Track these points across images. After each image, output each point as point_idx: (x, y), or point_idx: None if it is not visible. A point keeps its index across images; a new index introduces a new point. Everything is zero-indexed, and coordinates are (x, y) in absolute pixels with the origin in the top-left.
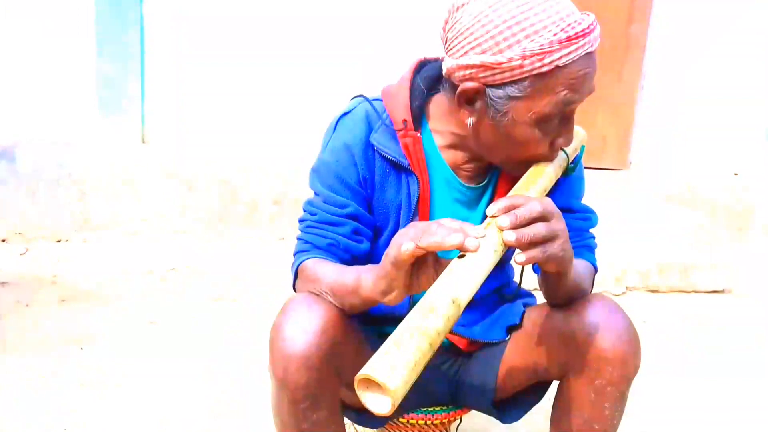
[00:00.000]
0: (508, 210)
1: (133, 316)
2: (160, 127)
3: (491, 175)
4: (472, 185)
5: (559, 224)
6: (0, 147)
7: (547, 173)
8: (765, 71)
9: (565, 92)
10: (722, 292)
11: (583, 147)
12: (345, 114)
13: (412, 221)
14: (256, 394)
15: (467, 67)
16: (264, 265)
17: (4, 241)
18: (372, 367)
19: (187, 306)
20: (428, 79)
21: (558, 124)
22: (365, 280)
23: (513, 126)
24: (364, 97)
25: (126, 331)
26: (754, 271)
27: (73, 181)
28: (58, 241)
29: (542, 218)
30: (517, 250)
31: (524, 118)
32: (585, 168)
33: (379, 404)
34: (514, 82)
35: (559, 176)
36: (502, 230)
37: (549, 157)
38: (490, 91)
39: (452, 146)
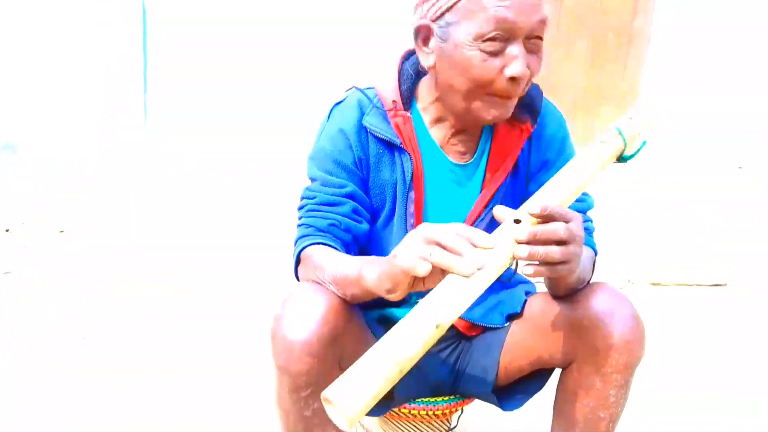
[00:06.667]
0: (542, 215)
1: (136, 310)
2: (163, 121)
3: (479, 151)
4: (462, 162)
5: (576, 249)
6: (5, 139)
7: (591, 162)
8: None
9: (496, 8)
10: (725, 285)
11: (644, 142)
12: (338, 103)
13: (407, 198)
14: (260, 389)
15: (416, 8)
16: (269, 258)
17: (8, 231)
18: (335, 392)
19: (191, 299)
20: (416, 65)
21: (506, 50)
22: (369, 274)
23: (457, 51)
24: (356, 87)
25: (129, 325)
26: (757, 264)
27: (77, 174)
28: (62, 232)
29: (562, 242)
30: (526, 261)
31: (465, 40)
32: None
33: (339, 420)
34: (450, 8)
35: (607, 164)
36: (518, 242)
37: (506, 90)
38: (435, 25)
39: (438, 120)
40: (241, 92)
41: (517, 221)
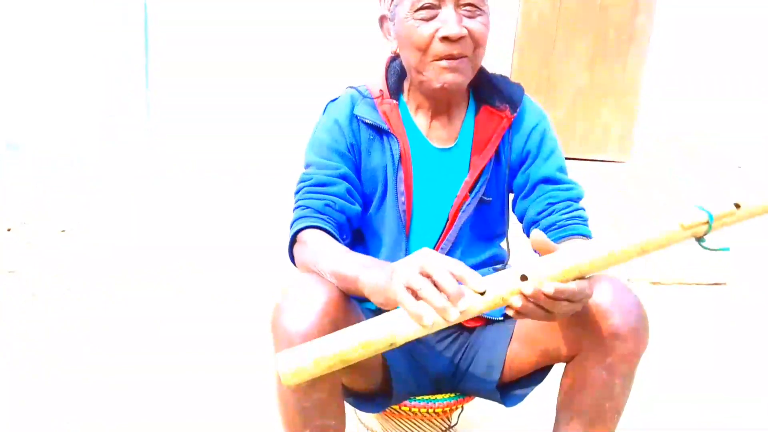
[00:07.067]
0: (556, 297)
1: (136, 310)
2: (164, 121)
3: (462, 138)
4: (445, 147)
5: (560, 318)
6: (7, 138)
7: (652, 238)
8: None
9: None
10: (724, 284)
11: (727, 249)
12: (333, 100)
13: (397, 178)
14: (261, 389)
15: (379, 2)
16: (269, 258)
17: (9, 230)
18: (282, 358)
19: (192, 299)
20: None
21: (438, 16)
22: (366, 280)
23: (401, 26)
24: (350, 86)
25: (129, 325)
26: (756, 263)
27: (79, 173)
28: (63, 231)
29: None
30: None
31: (404, 15)
32: (586, 160)
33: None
34: None
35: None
36: (518, 292)
37: (444, 51)
38: (389, 12)
39: (418, 107)
40: (242, 93)
41: (523, 278)
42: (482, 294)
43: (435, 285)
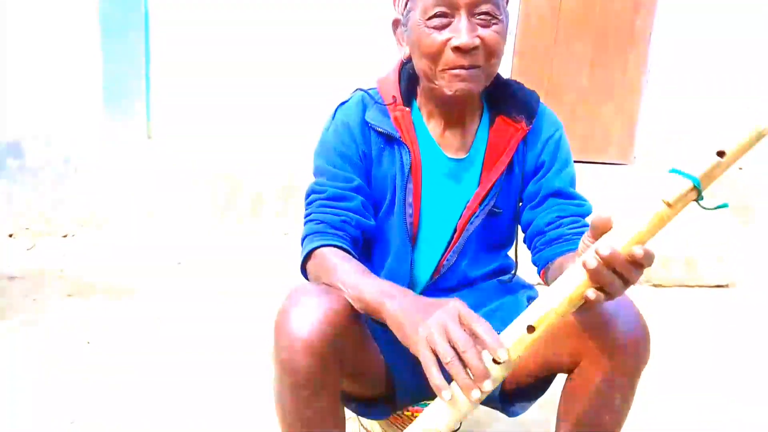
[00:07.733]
0: (642, 260)
1: (139, 310)
2: (165, 121)
3: (475, 148)
4: (457, 157)
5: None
6: (7, 142)
7: (638, 226)
8: None
9: None
10: (726, 286)
11: (726, 205)
12: (342, 103)
13: (406, 189)
14: (261, 389)
15: (394, 5)
16: (269, 259)
17: (11, 236)
18: None
19: (192, 300)
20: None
21: (451, 24)
22: (390, 312)
23: (413, 33)
24: (360, 88)
25: (132, 325)
26: (759, 265)
27: (80, 176)
28: (65, 236)
29: None
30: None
31: (416, 21)
32: (587, 163)
33: None
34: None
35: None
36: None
37: (455, 61)
38: (402, 17)
39: (430, 114)
40: (244, 93)
41: (530, 329)
42: (502, 363)
43: (459, 356)
